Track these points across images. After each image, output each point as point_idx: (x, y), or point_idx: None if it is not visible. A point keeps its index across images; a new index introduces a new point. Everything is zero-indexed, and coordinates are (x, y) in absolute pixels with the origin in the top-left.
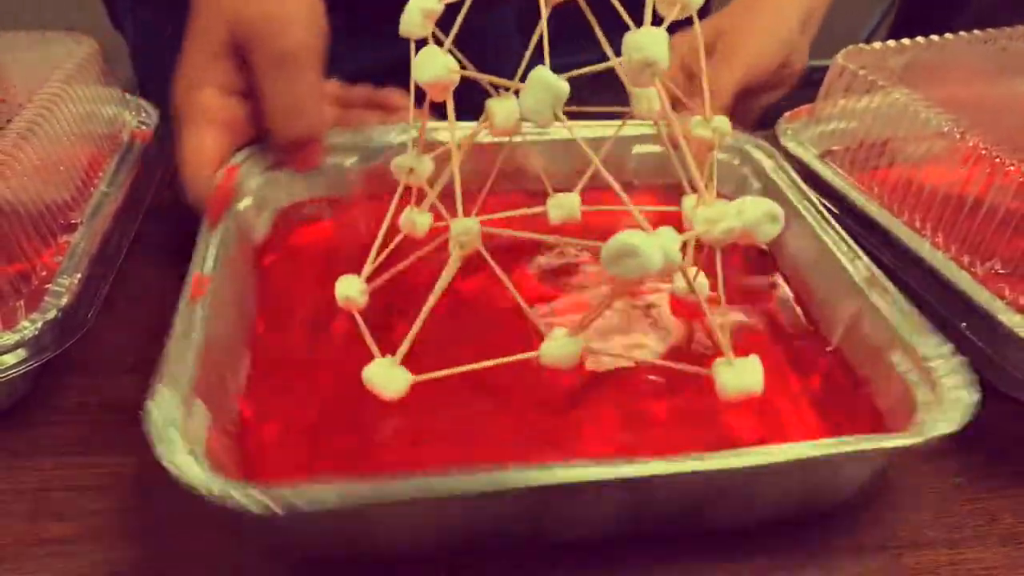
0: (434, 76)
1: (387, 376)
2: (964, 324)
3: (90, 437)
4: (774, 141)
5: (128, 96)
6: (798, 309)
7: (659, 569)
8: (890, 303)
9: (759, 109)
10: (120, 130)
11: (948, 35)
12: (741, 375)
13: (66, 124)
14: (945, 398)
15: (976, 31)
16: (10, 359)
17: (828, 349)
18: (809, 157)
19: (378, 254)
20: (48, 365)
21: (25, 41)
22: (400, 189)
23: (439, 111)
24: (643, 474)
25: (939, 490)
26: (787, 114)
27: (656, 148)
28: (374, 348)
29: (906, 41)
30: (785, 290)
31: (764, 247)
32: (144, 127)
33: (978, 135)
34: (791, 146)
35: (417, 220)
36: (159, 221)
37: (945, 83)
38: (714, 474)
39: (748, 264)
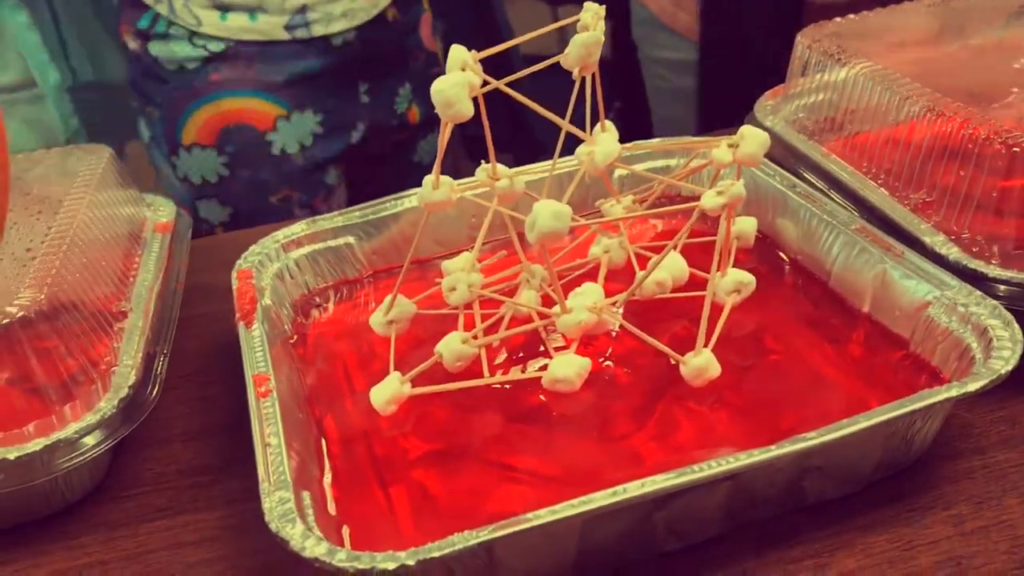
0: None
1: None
2: None
3: (176, 501)
4: (754, 120)
5: (143, 195)
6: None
7: (768, 550)
8: (908, 261)
9: None
10: (142, 225)
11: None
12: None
13: (100, 228)
14: (996, 339)
15: None
16: (90, 440)
17: (860, 316)
18: (788, 133)
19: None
20: (121, 444)
21: (46, 157)
22: (407, 264)
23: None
24: (746, 464)
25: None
26: (766, 93)
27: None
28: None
29: (865, 13)
30: (796, 271)
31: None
32: (163, 220)
33: (926, 95)
34: (769, 122)
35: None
36: (194, 304)
37: (899, 48)
38: (811, 450)
39: (750, 256)
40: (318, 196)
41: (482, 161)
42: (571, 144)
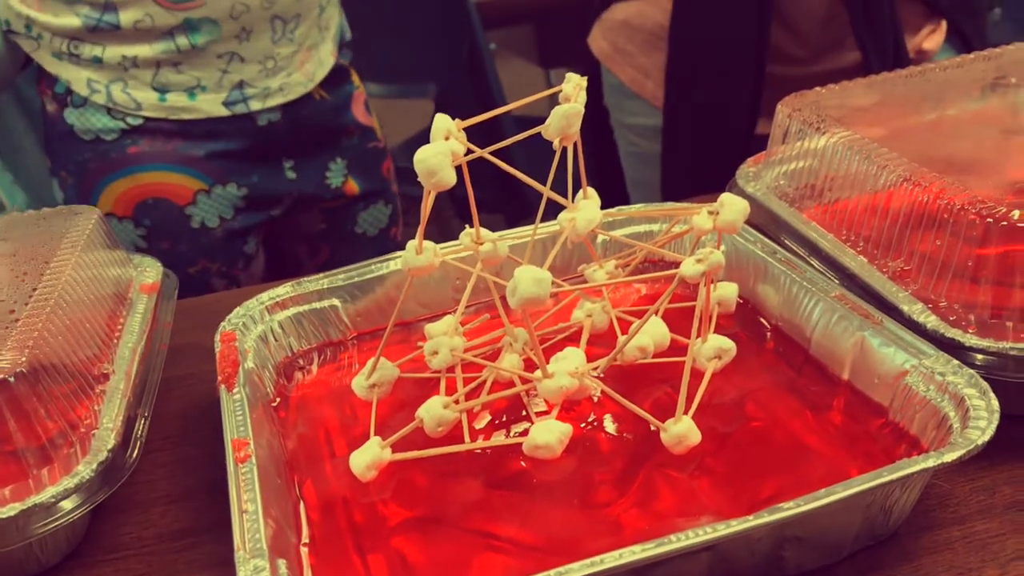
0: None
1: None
2: None
3: (155, 566)
4: (736, 187)
5: (130, 255)
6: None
7: None
8: (887, 329)
9: None
10: (128, 286)
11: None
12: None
13: (85, 289)
14: (972, 409)
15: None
16: (68, 504)
17: (841, 383)
18: (769, 200)
19: None
20: (100, 507)
21: (30, 219)
22: (389, 328)
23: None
24: (724, 535)
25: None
26: (748, 160)
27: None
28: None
29: (846, 83)
30: (778, 337)
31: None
32: (149, 281)
33: (903, 165)
34: (751, 189)
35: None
36: (178, 364)
37: (877, 118)
38: (789, 520)
39: (732, 321)
40: (237, 266)
41: (467, 226)
42: (556, 208)
